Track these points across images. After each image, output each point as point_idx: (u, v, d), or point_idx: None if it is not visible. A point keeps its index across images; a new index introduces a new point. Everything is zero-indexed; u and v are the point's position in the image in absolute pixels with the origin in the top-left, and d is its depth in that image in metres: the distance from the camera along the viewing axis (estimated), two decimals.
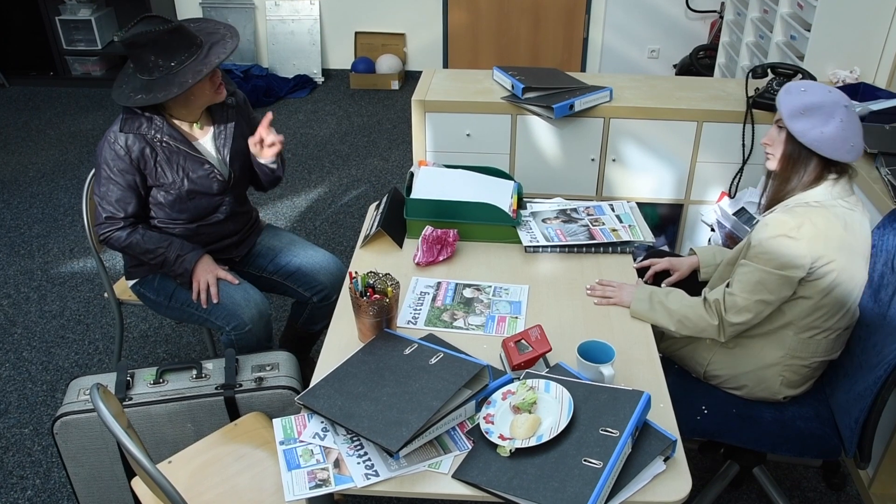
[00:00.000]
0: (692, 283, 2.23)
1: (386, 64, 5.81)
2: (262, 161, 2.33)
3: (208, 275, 2.29)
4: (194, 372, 2.16)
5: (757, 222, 1.94)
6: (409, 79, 5.91)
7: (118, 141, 2.18)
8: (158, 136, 2.19)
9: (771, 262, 1.84)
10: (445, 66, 5.82)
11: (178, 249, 2.27)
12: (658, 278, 2.29)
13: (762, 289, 1.86)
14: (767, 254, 1.85)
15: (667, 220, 3.23)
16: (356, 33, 5.89)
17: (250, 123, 2.41)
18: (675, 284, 2.23)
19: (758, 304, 1.89)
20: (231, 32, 2.21)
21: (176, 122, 2.25)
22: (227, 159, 2.32)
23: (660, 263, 2.28)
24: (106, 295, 2.57)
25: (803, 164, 1.88)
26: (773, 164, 1.95)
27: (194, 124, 2.28)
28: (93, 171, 2.47)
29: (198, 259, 2.29)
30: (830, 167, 1.88)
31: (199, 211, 2.30)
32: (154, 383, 2.13)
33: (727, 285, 1.93)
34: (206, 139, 2.31)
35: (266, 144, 2.28)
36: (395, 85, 5.80)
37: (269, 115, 2.26)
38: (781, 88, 1.91)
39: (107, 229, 2.25)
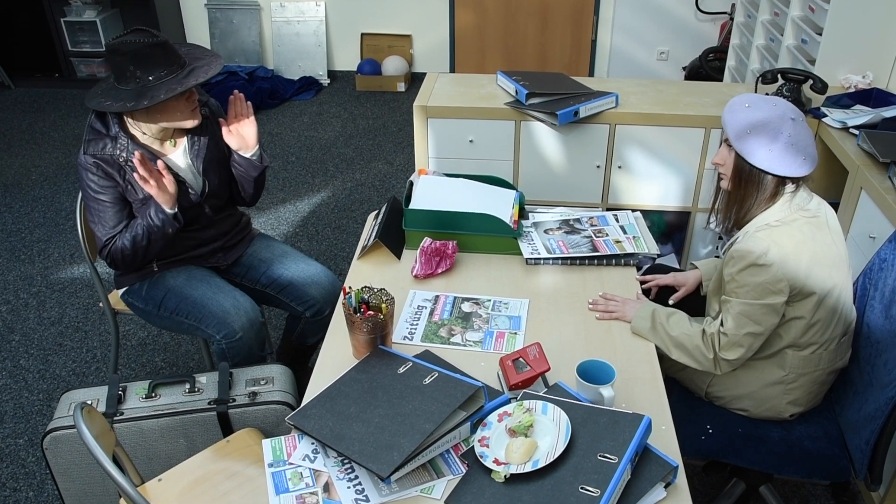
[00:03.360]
0: (697, 298, 2.18)
1: (392, 66, 5.77)
2: (247, 154, 2.27)
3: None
4: (187, 386, 2.12)
5: (726, 250, 1.88)
6: (416, 80, 5.86)
7: (88, 162, 2.13)
8: (124, 154, 2.14)
9: (749, 294, 1.79)
10: (452, 68, 5.77)
11: (145, 209, 2.16)
12: (663, 294, 2.23)
13: (748, 322, 1.81)
14: (743, 287, 1.80)
15: (674, 228, 3.17)
16: (362, 35, 5.85)
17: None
18: (683, 299, 2.17)
19: (747, 338, 1.83)
20: (216, 60, 2.17)
21: (143, 139, 2.19)
22: (200, 169, 2.27)
23: (664, 279, 2.22)
24: (101, 305, 2.53)
25: (756, 183, 1.82)
26: (727, 184, 1.89)
27: (167, 143, 2.23)
28: None
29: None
30: (786, 180, 1.82)
31: None
32: (146, 397, 2.09)
33: (721, 322, 1.87)
34: (177, 154, 2.26)
35: (240, 114, 2.21)
36: (401, 87, 5.76)
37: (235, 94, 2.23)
38: (725, 107, 1.86)
39: (105, 253, 2.20)
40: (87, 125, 2.16)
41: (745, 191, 1.84)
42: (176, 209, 2.15)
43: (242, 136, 2.28)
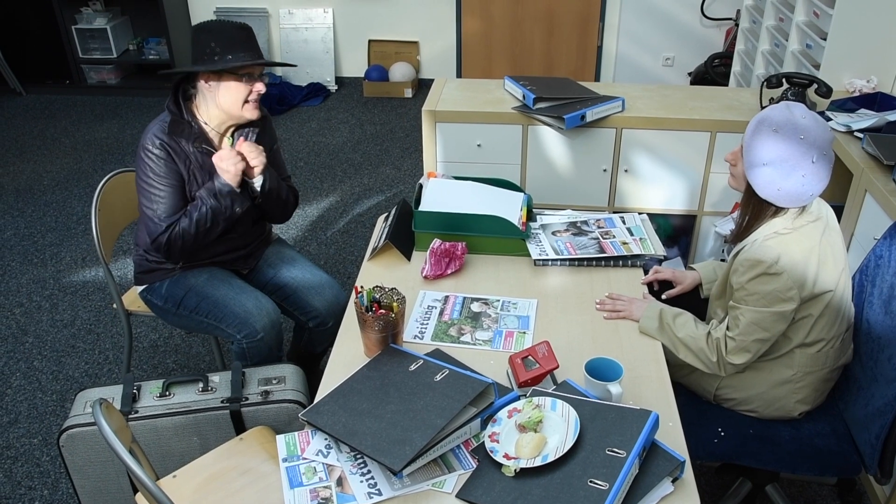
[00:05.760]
0: (695, 299, 2.20)
1: (399, 72, 5.81)
2: (250, 180, 2.28)
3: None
4: (200, 385, 2.15)
5: (736, 255, 1.89)
6: (423, 87, 5.91)
7: (157, 146, 2.16)
8: (197, 143, 2.20)
9: (759, 302, 1.81)
10: (459, 74, 5.81)
11: (206, 191, 2.20)
12: (660, 288, 2.26)
13: (757, 329, 1.83)
14: (753, 295, 1.81)
15: (680, 232, 3.19)
16: (369, 41, 5.90)
17: (272, 146, 2.42)
18: (678, 296, 2.20)
19: (755, 344, 1.86)
20: (292, 63, 2.26)
21: (207, 129, 2.24)
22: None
23: (663, 273, 2.24)
24: (115, 306, 2.56)
25: (762, 203, 1.83)
26: (733, 183, 1.92)
27: (224, 138, 2.28)
28: (104, 180, 2.48)
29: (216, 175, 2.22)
30: None
31: None
32: (160, 396, 2.12)
33: (727, 327, 1.89)
34: None
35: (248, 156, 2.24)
36: (408, 93, 5.80)
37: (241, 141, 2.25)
38: (754, 118, 1.82)
39: (164, 239, 2.20)
40: (166, 107, 2.21)
41: (753, 207, 1.85)
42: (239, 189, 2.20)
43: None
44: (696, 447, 1.86)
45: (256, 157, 2.22)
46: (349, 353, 1.90)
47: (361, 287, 1.87)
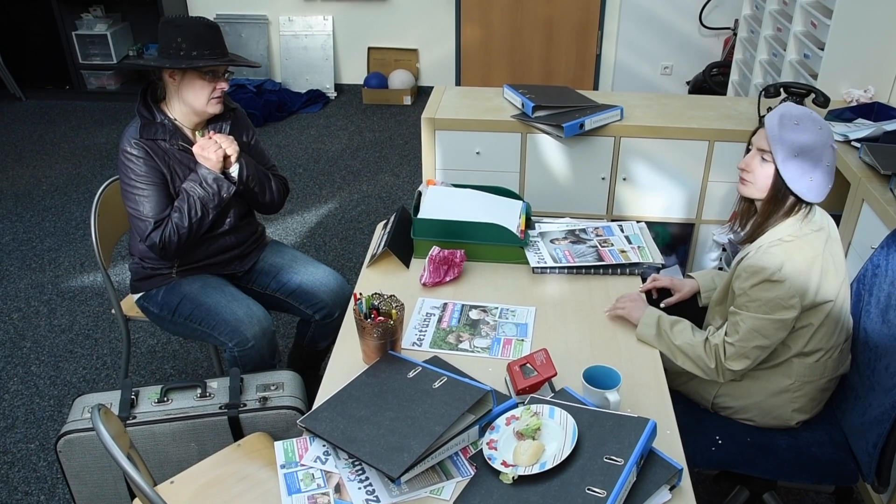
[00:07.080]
0: (692, 307, 2.21)
1: (398, 79, 5.83)
2: (227, 169, 2.31)
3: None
4: (199, 391, 2.15)
5: (739, 261, 1.90)
6: (422, 94, 5.92)
7: (134, 147, 2.20)
8: (173, 140, 2.22)
9: (761, 308, 1.82)
10: (458, 81, 5.83)
11: (191, 182, 2.22)
12: (659, 296, 2.26)
13: (757, 335, 1.84)
14: (755, 302, 1.82)
15: (678, 240, 3.20)
16: (369, 49, 5.92)
17: (248, 137, 2.45)
18: (676, 305, 2.21)
19: (755, 350, 1.86)
20: (253, 61, 2.31)
21: (183, 129, 2.27)
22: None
23: (661, 280, 2.25)
24: (113, 311, 2.57)
25: (783, 202, 1.85)
26: (750, 192, 1.90)
27: (196, 133, 2.30)
28: (103, 185, 2.49)
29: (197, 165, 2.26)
30: (804, 201, 1.85)
31: None
32: (158, 402, 2.12)
33: (726, 332, 1.90)
34: None
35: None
36: (407, 100, 5.81)
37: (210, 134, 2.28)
38: (771, 115, 1.84)
39: (156, 237, 2.22)
40: (136, 111, 2.25)
41: (773, 206, 1.86)
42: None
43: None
44: (693, 455, 1.86)
45: (230, 146, 2.26)
46: (348, 359, 1.90)
47: (360, 294, 1.87)
